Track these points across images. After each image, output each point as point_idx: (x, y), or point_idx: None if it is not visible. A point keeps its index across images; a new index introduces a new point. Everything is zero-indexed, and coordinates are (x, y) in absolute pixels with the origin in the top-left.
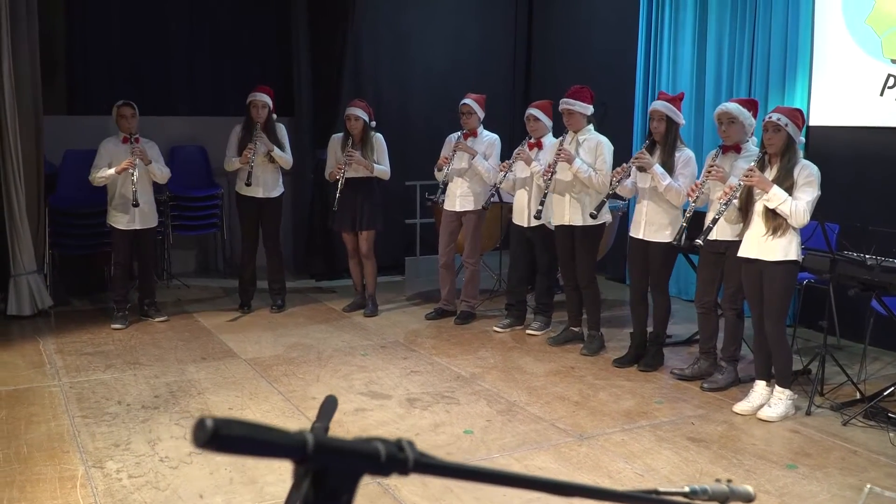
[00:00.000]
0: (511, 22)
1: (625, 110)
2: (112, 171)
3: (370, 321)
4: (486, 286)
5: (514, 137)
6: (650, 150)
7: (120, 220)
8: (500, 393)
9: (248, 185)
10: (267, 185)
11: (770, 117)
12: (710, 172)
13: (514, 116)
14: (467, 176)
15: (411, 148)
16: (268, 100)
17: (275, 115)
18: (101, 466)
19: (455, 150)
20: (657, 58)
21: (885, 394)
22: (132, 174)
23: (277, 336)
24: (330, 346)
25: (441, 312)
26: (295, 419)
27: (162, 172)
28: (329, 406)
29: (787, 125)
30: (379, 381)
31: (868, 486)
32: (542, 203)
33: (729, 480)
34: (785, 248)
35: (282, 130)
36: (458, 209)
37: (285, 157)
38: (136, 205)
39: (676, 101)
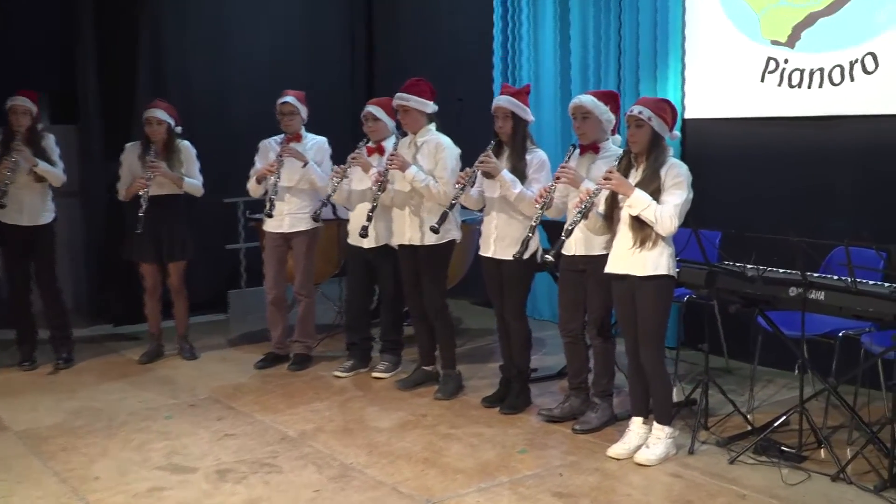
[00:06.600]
0: (346, 4)
1: (484, 105)
2: None
3: (179, 374)
4: (325, 321)
5: (355, 141)
6: (497, 153)
7: None
8: (335, 454)
9: (2, 207)
10: (33, 210)
11: (631, 111)
12: (558, 177)
13: (355, 116)
14: (296, 189)
15: (231, 158)
16: (30, 105)
17: (40, 125)
18: None
19: (282, 157)
20: (517, 44)
21: (776, 424)
22: None
23: (59, 400)
24: (125, 408)
25: (274, 358)
26: None
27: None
28: None
29: (650, 119)
30: (184, 450)
31: None
32: (368, 219)
33: None
34: (655, 262)
35: (50, 141)
36: (285, 230)
37: (54, 172)
38: None
39: (522, 94)
